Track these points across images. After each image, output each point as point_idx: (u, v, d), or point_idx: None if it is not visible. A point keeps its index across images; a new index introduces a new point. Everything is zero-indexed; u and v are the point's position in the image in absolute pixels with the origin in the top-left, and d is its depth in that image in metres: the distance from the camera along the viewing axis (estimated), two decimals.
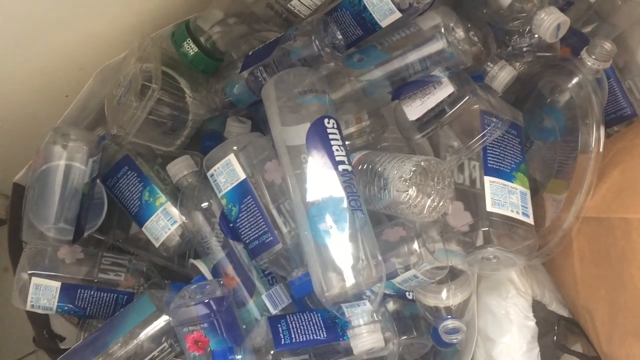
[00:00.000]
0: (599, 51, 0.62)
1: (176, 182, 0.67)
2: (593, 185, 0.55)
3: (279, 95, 0.60)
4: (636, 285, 0.49)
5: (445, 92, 0.63)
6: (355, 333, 0.53)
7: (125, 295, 0.66)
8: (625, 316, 0.52)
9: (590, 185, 0.55)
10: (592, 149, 0.56)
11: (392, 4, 0.61)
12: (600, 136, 0.56)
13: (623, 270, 0.51)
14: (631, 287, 0.50)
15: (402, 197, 0.56)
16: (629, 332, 0.51)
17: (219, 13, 0.69)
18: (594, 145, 0.56)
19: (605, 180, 0.56)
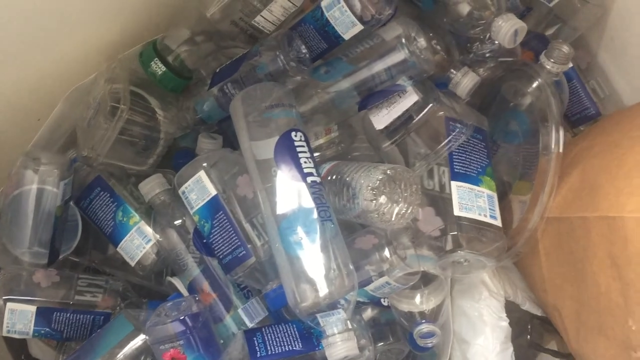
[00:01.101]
0: (557, 54, 0.63)
1: (149, 200, 0.67)
2: (555, 186, 0.57)
3: (247, 111, 0.61)
4: (597, 282, 0.50)
5: (410, 101, 0.64)
6: (330, 342, 0.54)
7: (102, 316, 0.66)
8: (589, 313, 0.53)
9: (552, 186, 0.57)
10: (552, 150, 0.58)
11: (354, 17, 0.62)
12: (560, 138, 0.58)
13: (585, 268, 0.52)
14: (593, 284, 0.51)
15: (371, 205, 0.56)
16: (593, 328, 0.52)
17: (185, 32, 0.70)
18: (553, 147, 0.58)
19: (566, 181, 0.57)
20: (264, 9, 0.65)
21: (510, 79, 0.67)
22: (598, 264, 0.49)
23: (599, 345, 0.51)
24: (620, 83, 0.77)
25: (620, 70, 0.77)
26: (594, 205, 0.51)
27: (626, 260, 0.45)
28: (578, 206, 0.53)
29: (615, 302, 0.47)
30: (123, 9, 0.68)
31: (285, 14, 0.66)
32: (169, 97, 0.72)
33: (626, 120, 0.58)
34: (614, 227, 0.46)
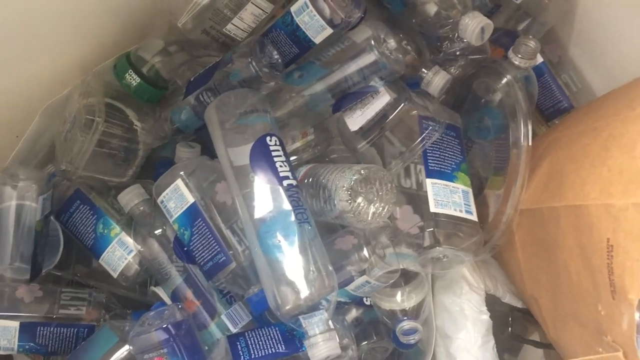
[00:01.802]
0: (524, 50, 0.64)
1: (128, 211, 0.68)
2: (526, 179, 0.58)
3: (221, 118, 0.62)
4: (569, 271, 0.51)
5: (383, 101, 0.65)
6: (311, 342, 0.54)
7: (85, 329, 0.66)
8: (564, 301, 0.54)
9: (523, 178, 0.58)
10: (522, 144, 0.59)
11: (323, 21, 0.63)
12: (529, 132, 0.59)
13: (557, 257, 0.53)
14: (565, 272, 0.52)
15: (347, 206, 0.57)
16: (568, 316, 0.53)
17: (159, 42, 0.71)
18: (523, 141, 0.59)
19: (537, 173, 0.58)
20: (234, 17, 0.65)
21: (480, 76, 0.68)
22: (568, 253, 0.50)
23: (575, 332, 0.52)
24: (592, 75, 0.78)
25: (590, 63, 0.78)
26: (561, 195, 0.52)
27: (592, 248, 0.45)
28: (547, 197, 0.54)
29: (585, 289, 0.47)
30: (95, 22, 0.68)
31: (256, 21, 0.67)
32: (146, 108, 0.73)
33: (592, 112, 0.59)
34: (579, 215, 0.47)
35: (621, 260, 0.42)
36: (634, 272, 0.40)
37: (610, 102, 0.56)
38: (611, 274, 0.43)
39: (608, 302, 0.44)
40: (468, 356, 0.62)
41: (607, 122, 0.50)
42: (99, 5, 0.66)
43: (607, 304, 0.44)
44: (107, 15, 0.68)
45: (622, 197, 0.42)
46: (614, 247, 0.43)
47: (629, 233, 0.41)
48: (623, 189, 0.42)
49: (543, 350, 0.68)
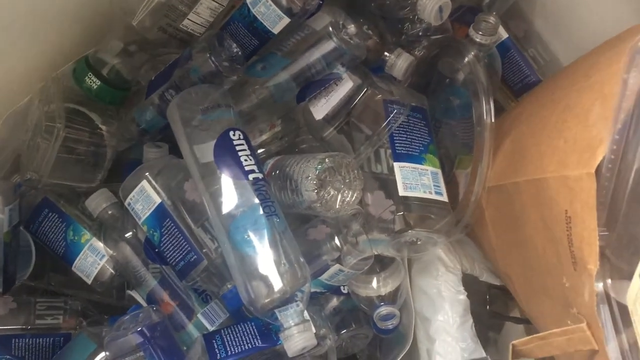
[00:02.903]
0: (484, 26, 0.64)
1: (97, 216, 0.67)
2: (491, 156, 0.57)
3: (183, 116, 0.61)
4: (535, 245, 0.51)
5: (346, 87, 0.65)
6: (287, 335, 0.54)
7: (62, 337, 0.65)
8: (533, 276, 0.53)
9: (488, 156, 0.57)
10: (485, 121, 0.58)
11: (280, 10, 0.62)
12: (491, 108, 0.58)
13: (524, 232, 0.53)
14: (532, 247, 0.51)
15: (313, 196, 0.57)
16: (539, 290, 0.53)
17: (118, 44, 0.70)
18: (485, 117, 0.58)
19: (501, 149, 0.58)
20: (190, 12, 0.64)
21: (443, 56, 0.68)
22: (533, 227, 0.50)
23: (545, 306, 0.52)
24: (558, 47, 0.78)
25: (555, 35, 0.78)
26: (522, 169, 0.51)
27: (553, 221, 0.45)
28: (511, 172, 0.54)
29: (551, 262, 0.47)
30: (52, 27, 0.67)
31: (213, 15, 0.66)
32: (110, 111, 0.72)
33: (552, 84, 0.59)
34: (540, 189, 0.47)
35: (579, 231, 0.42)
36: (591, 242, 0.40)
37: (569, 73, 0.55)
38: (571, 245, 0.43)
39: (571, 274, 0.44)
40: (447, 337, 0.62)
41: (565, 93, 0.49)
42: (55, 9, 0.65)
43: (570, 276, 0.44)
44: (64, 19, 0.67)
45: (576, 167, 0.41)
46: (571, 219, 0.42)
47: (584, 203, 0.41)
48: (578, 159, 0.42)
49: (523, 326, 0.68)
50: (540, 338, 0.46)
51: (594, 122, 0.40)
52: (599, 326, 0.40)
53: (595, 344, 0.42)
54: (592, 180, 0.39)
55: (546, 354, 0.46)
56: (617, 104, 0.35)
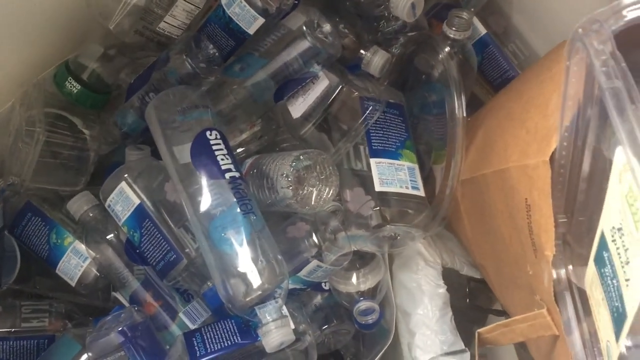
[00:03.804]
0: (458, 22, 0.65)
1: (79, 219, 0.67)
2: (463, 149, 0.58)
3: (161, 117, 0.62)
4: (503, 235, 0.51)
5: (322, 86, 0.65)
6: (264, 331, 0.54)
7: (46, 340, 0.66)
8: (504, 266, 0.54)
9: (460, 149, 0.58)
10: (456, 116, 0.59)
11: (254, 11, 0.63)
12: (462, 103, 0.59)
13: (493, 222, 0.53)
14: (500, 237, 0.52)
15: (288, 193, 0.57)
16: (509, 280, 0.53)
17: (98, 48, 0.71)
18: (457, 112, 0.59)
19: (473, 142, 0.58)
20: (166, 14, 0.65)
21: (420, 52, 0.68)
22: (500, 217, 0.51)
23: (515, 296, 0.52)
24: (536, 42, 0.78)
25: (534, 30, 0.78)
26: (489, 161, 0.52)
27: (516, 209, 0.46)
28: (480, 164, 0.55)
29: (517, 251, 0.48)
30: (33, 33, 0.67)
31: (189, 17, 0.67)
32: (92, 115, 0.73)
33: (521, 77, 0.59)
34: (504, 179, 0.48)
35: (537, 219, 0.42)
36: (548, 228, 0.41)
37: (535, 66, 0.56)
38: (531, 233, 0.43)
39: (533, 261, 0.44)
40: (426, 330, 0.62)
41: (529, 85, 0.50)
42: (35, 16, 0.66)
43: (533, 264, 0.44)
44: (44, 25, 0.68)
45: (535, 156, 0.42)
46: (531, 207, 0.43)
47: (541, 191, 0.41)
48: (537, 148, 0.42)
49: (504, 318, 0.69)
50: (504, 325, 0.46)
51: (552, 112, 0.41)
52: (557, 311, 0.41)
53: (555, 329, 0.43)
54: (547, 167, 0.40)
55: (510, 341, 0.46)
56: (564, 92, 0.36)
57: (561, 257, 0.40)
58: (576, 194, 0.39)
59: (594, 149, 0.36)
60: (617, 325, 0.33)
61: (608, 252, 0.33)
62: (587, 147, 0.36)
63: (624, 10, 0.30)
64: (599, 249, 0.35)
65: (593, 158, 0.37)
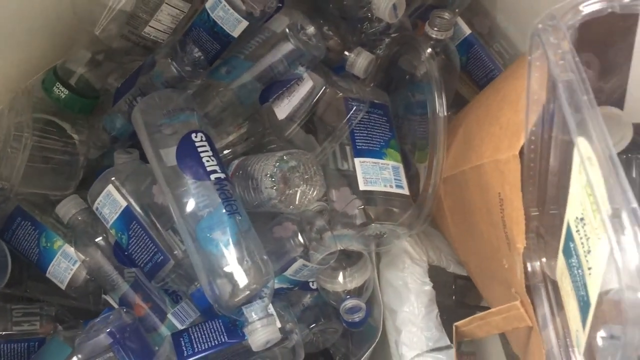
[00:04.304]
0: (439, 22, 0.65)
1: (67, 222, 0.68)
2: (445, 148, 0.59)
3: (147, 120, 0.62)
4: (481, 231, 0.52)
5: (307, 87, 0.66)
6: (250, 329, 0.55)
7: (36, 342, 0.67)
8: (483, 261, 0.55)
9: (442, 148, 0.59)
10: (437, 114, 0.60)
11: (238, 14, 0.64)
12: (443, 102, 0.60)
13: (472, 219, 0.54)
14: (479, 233, 0.53)
15: (272, 193, 0.58)
16: (488, 274, 0.54)
17: (86, 53, 0.71)
18: (438, 111, 0.60)
19: (454, 140, 0.59)
20: (151, 19, 0.66)
21: (403, 53, 0.69)
22: (478, 213, 0.51)
23: (495, 290, 0.53)
24: (521, 41, 0.79)
25: (517, 29, 0.79)
26: (468, 157, 0.53)
27: (490, 204, 0.46)
28: (460, 161, 0.55)
29: (494, 246, 0.48)
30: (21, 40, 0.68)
31: (174, 21, 0.68)
32: (80, 120, 0.73)
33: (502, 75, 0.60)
34: (480, 174, 0.48)
35: (509, 212, 0.43)
36: (519, 221, 0.41)
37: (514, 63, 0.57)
38: (505, 227, 0.44)
39: (508, 255, 0.45)
40: (412, 327, 0.63)
41: (505, 82, 0.51)
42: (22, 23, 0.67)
43: (508, 257, 0.45)
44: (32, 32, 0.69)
45: (506, 150, 0.43)
46: (503, 201, 0.43)
47: (512, 185, 0.42)
48: (508, 143, 0.43)
49: None
50: (479, 318, 0.47)
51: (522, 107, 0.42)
52: (529, 302, 0.41)
53: (529, 320, 0.43)
54: (517, 162, 0.41)
55: (486, 333, 0.47)
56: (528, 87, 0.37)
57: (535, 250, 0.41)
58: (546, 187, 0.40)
59: (560, 142, 0.37)
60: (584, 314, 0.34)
61: (573, 242, 0.33)
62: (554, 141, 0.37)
63: (580, 5, 0.31)
64: (566, 240, 0.35)
65: (560, 151, 0.37)
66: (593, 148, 0.30)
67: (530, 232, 0.41)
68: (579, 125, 0.28)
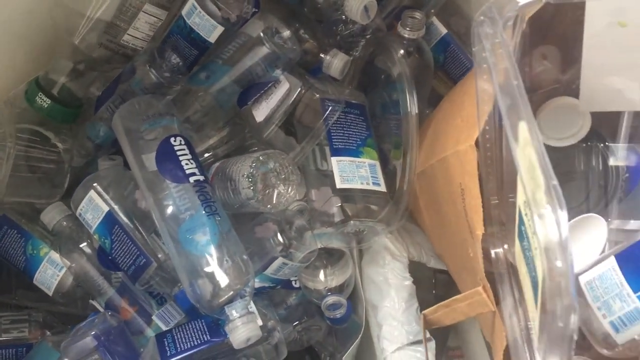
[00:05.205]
0: (411, 22, 0.67)
1: (52, 229, 0.69)
2: (417, 144, 0.60)
3: (127, 126, 0.63)
4: (450, 222, 0.53)
5: (284, 89, 0.67)
6: (231, 327, 0.56)
7: (24, 348, 0.67)
8: (454, 252, 0.56)
9: (414, 143, 0.60)
10: (408, 112, 0.61)
11: (213, 20, 0.65)
12: (414, 99, 0.61)
13: (442, 211, 0.55)
14: (448, 224, 0.54)
15: (250, 193, 0.59)
16: (460, 266, 0.55)
17: (67, 63, 0.72)
18: (410, 109, 0.61)
19: (425, 136, 0.60)
20: (129, 27, 0.67)
21: (378, 54, 0.71)
22: (446, 205, 0.52)
23: (466, 280, 0.54)
24: None
25: None
26: (435, 151, 0.54)
27: (455, 195, 0.47)
28: (430, 156, 0.56)
29: (461, 236, 0.49)
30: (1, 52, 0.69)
31: (152, 29, 0.69)
32: (64, 129, 0.75)
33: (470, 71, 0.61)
34: (445, 167, 0.49)
35: (469, 201, 0.44)
36: (477, 209, 0.42)
37: None
38: (466, 215, 0.45)
39: (471, 243, 0.46)
40: (393, 321, 0.64)
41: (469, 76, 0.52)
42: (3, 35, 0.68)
43: (472, 246, 0.46)
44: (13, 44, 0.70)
45: (465, 141, 0.44)
46: (464, 191, 0.45)
47: (470, 174, 0.43)
48: (467, 134, 0.44)
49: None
50: (445, 305, 0.48)
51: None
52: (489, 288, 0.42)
53: (492, 305, 0.44)
54: (473, 151, 0.42)
55: (452, 320, 0.48)
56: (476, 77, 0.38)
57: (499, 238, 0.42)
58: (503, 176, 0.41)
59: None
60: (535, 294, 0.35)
61: (524, 225, 0.35)
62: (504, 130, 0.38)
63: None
64: (519, 225, 0.36)
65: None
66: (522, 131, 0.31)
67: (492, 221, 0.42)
68: (508, 109, 0.29)
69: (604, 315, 0.44)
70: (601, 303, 0.43)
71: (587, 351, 0.47)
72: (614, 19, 0.39)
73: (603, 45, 0.40)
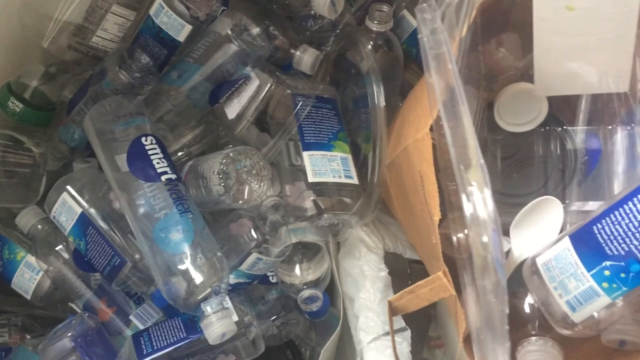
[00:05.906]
0: (378, 15, 0.67)
1: (28, 232, 0.69)
2: (385, 137, 0.60)
3: (98, 128, 0.64)
4: (416, 211, 0.53)
5: (254, 86, 0.67)
6: (206, 323, 0.56)
7: (2, 352, 0.67)
8: (421, 240, 0.56)
9: (383, 135, 0.60)
10: (376, 104, 0.61)
11: (181, 19, 0.66)
12: (381, 91, 0.61)
13: (408, 200, 0.55)
14: (414, 213, 0.54)
15: (220, 190, 0.59)
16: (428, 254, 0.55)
17: (39, 67, 0.73)
18: (377, 101, 0.61)
19: (394, 127, 0.61)
20: (97, 29, 0.67)
21: (348, 48, 0.71)
22: (412, 193, 0.53)
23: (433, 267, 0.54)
24: None
25: None
26: (401, 141, 0.54)
27: (416, 182, 0.48)
28: (396, 146, 0.57)
29: (426, 224, 0.50)
30: None
31: (121, 30, 0.69)
32: (38, 132, 0.75)
33: None
34: (407, 155, 0.50)
35: (427, 187, 0.45)
36: (434, 194, 0.43)
37: None
38: (426, 202, 0.45)
39: (434, 230, 0.46)
40: (369, 312, 0.64)
41: None
42: None
43: (434, 232, 0.47)
44: None
45: (422, 129, 0.44)
46: (422, 178, 0.45)
47: (427, 160, 0.43)
48: (425, 122, 0.45)
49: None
50: (409, 292, 0.48)
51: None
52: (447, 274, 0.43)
53: (452, 289, 0.45)
54: (429, 137, 0.42)
55: (417, 306, 0.48)
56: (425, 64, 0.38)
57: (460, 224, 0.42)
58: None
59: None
60: None
61: None
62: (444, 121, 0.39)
63: None
64: None
65: None
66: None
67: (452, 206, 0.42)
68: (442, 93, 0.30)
69: (561, 295, 0.45)
70: (557, 283, 0.44)
71: (549, 332, 0.48)
72: (561, 3, 0.40)
73: (554, 30, 0.41)
